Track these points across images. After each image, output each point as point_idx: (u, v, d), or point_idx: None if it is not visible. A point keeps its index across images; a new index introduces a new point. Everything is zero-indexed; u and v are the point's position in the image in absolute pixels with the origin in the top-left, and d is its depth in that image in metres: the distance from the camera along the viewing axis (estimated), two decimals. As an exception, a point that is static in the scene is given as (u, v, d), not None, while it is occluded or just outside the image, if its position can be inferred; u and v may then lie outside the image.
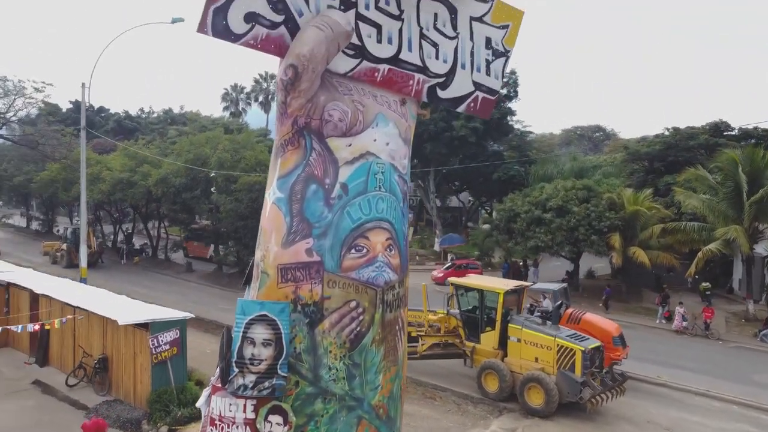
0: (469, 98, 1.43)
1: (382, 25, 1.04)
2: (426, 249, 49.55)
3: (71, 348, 16.89)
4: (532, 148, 54.69)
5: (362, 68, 1.29)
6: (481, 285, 19.01)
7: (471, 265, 39.66)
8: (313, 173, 2.67)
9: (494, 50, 1.40)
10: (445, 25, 1.21)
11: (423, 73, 2.23)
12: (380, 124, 2.09)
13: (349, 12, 0.96)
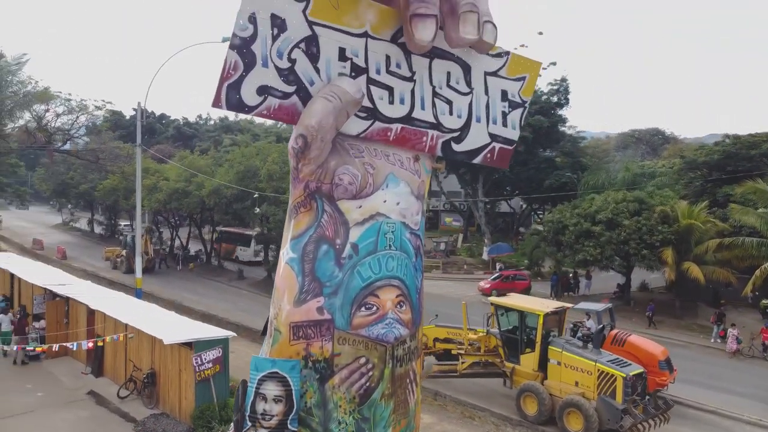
0: (486, 150, 1.39)
1: (394, 87, 1.04)
2: (475, 257, 49.25)
3: (123, 361, 17.77)
4: (585, 154, 53.53)
5: (375, 129, 1.28)
6: (521, 306, 18.87)
7: (519, 277, 39.25)
8: (325, 234, 2.73)
9: (511, 102, 1.36)
10: (458, 82, 1.18)
11: (437, 129, 2.14)
12: (390, 185, 2.07)
13: (360, 77, 0.96)
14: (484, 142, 1.16)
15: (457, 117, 1.13)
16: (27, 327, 20.60)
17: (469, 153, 1.16)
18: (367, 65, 1.01)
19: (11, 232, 64.09)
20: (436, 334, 22.02)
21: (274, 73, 0.94)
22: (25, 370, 19.31)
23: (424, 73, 1.06)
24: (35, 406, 16.66)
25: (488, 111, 1.15)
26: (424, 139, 1.10)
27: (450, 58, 1.12)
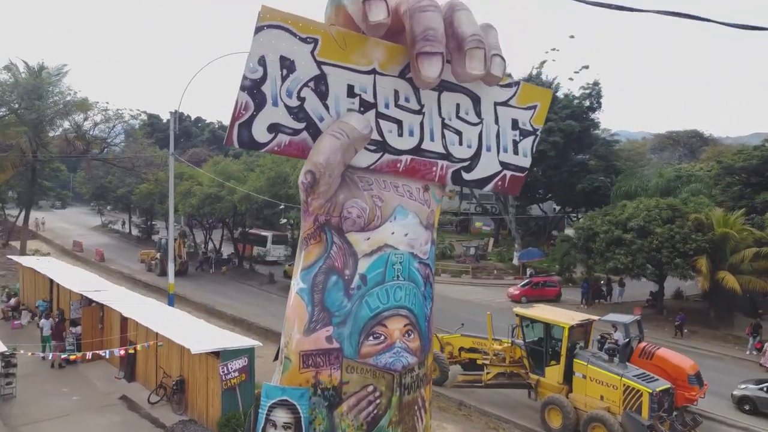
0: (497, 178, 1.39)
1: (403, 121, 1.06)
2: (505, 262, 48.90)
3: (154, 367, 18.29)
4: (619, 157, 52.63)
5: (384, 161, 1.31)
6: (546, 318, 18.76)
7: (549, 283, 38.89)
8: (334, 265, 2.85)
9: (522, 130, 1.34)
10: (468, 113, 1.19)
11: (446, 159, 2.14)
12: (398, 217, 2.15)
13: (369, 112, 1.00)
14: (495, 170, 1.19)
15: (467, 147, 1.15)
16: (64, 332, 21.35)
17: (479, 181, 1.19)
18: (375, 100, 1.04)
19: (53, 233, 66.18)
20: (461, 344, 22.07)
21: (284, 111, 0.98)
22: (62, 374, 20.01)
23: (433, 105, 1.09)
24: (71, 409, 17.29)
25: (498, 140, 1.18)
26: (434, 170, 1.13)
27: (459, 90, 1.13)
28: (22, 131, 27.90)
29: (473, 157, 1.16)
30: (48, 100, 30.54)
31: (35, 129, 29.63)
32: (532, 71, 45.33)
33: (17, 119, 28.22)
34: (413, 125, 1.09)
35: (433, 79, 0.96)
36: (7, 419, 16.64)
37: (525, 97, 1.17)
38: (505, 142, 1.18)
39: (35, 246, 60.06)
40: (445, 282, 44.65)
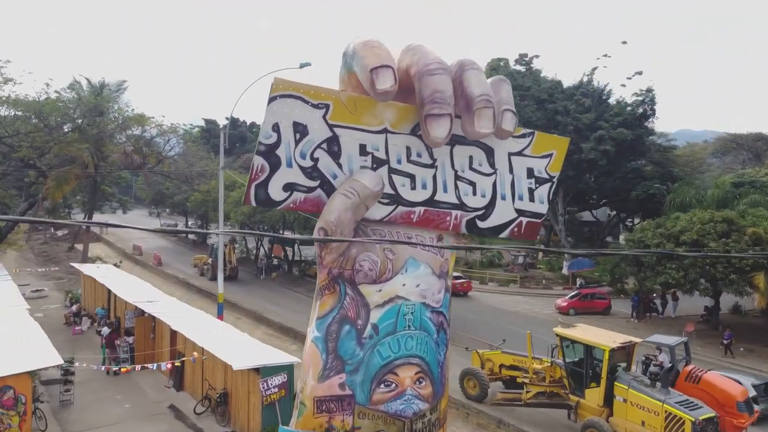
0: (512, 224, 1.45)
1: (416, 175, 1.14)
2: (554, 272, 48.12)
3: (200, 379, 19.06)
4: (676, 164, 50.89)
5: (398, 213, 1.37)
6: (586, 339, 18.50)
7: (598, 295, 38.09)
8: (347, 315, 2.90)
9: (537, 178, 1.38)
10: (481, 165, 1.24)
11: (460, 209, 2.12)
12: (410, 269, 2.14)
13: (381, 168, 1.08)
14: (511, 217, 1.17)
15: (481, 196, 1.14)
16: (116, 341, 22.47)
17: (494, 229, 1.18)
18: (387, 157, 1.05)
19: (115, 236, 69.25)
20: (502, 361, 21.99)
21: (298, 171, 1.00)
22: (116, 381, 21.05)
23: (446, 159, 1.09)
24: (123, 417, 18.22)
25: (513, 188, 1.16)
26: (447, 219, 1.12)
27: (472, 144, 1.13)
28: (85, 147, 29.55)
29: (487, 206, 1.16)
30: (108, 116, 32.25)
31: (96, 143, 31.33)
32: (583, 78, 44.47)
33: (80, 135, 29.92)
34: (426, 178, 1.10)
35: (442, 140, 0.98)
36: (65, 425, 17.71)
37: (540, 146, 1.17)
38: (521, 190, 1.18)
39: (98, 249, 63.12)
40: (492, 291, 44.35)
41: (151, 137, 35.67)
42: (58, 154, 27.84)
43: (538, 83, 44.13)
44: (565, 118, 41.99)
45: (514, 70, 45.92)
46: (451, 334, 1.19)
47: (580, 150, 41.15)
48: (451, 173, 1.09)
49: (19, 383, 14.71)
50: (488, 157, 1.11)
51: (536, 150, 1.16)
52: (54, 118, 28.04)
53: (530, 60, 46.22)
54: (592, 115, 41.51)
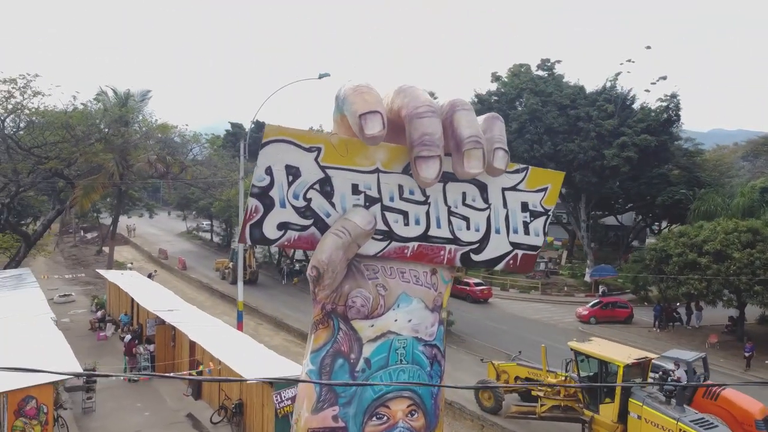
0: (507, 257, 1.36)
1: (408, 212, 1.13)
2: (577, 278, 47.64)
3: (217, 388, 19.44)
4: (703, 169, 49.99)
5: (391, 248, 1.28)
6: (601, 355, 18.39)
7: (619, 304, 37.66)
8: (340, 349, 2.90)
9: (532, 212, 1.30)
10: (475, 200, 1.19)
11: (454, 243, 1.96)
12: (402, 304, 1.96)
13: (374, 206, 1.05)
14: (506, 250, 1.17)
15: (475, 231, 1.14)
16: (134, 349, 23.00)
17: (489, 261, 1.18)
18: (380, 195, 1.06)
19: (142, 239, 70.58)
20: (517, 373, 21.96)
21: (292, 211, 1.02)
22: (137, 388, 21.55)
23: (439, 196, 1.10)
24: (142, 425, 18.68)
25: (508, 222, 1.16)
26: (441, 253, 1.13)
27: (464, 180, 1.13)
28: (110, 157, 30.33)
29: (482, 240, 1.16)
30: (133, 126, 33.02)
31: (121, 153, 32.10)
32: (606, 83, 43.98)
33: (106, 145, 30.70)
34: (419, 215, 1.11)
35: (431, 181, 1.00)
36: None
37: (535, 180, 1.17)
38: (515, 224, 1.17)
39: (126, 252, 64.40)
40: (513, 298, 44.12)
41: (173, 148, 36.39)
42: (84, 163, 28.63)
43: (560, 89, 43.79)
44: (587, 125, 41.59)
45: (536, 75, 45.66)
46: (446, 365, 1.25)
47: (603, 156, 40.72)
48: (444, 209, 1.11)
49: (41, 393, 15.20)
50: (482, 193, 1.12)
51: (530, 184, 1.15)
52: (81, 129, 28.83)
53: (552, 65, 45.90)
54: (615, 121, 41.04)
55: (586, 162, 41.55)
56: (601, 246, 60.54)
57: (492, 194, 1.13)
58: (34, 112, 27.09)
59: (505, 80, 46.96)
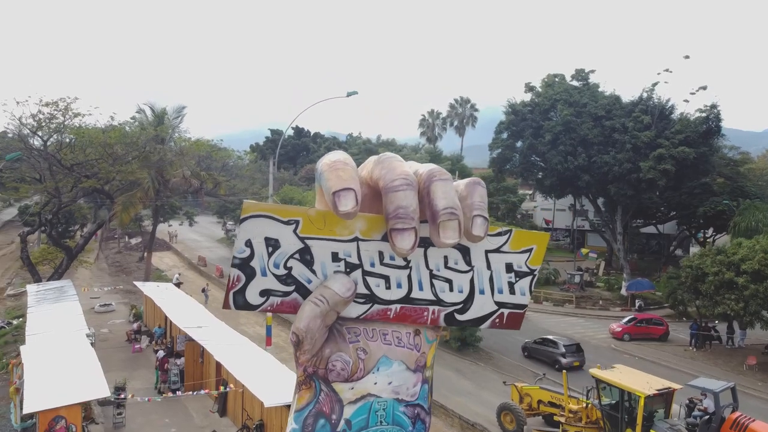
0: (493, 316, 1.24)
1: (390, 276, 1.08)
2: (613, 291, 46.68)
3: (240, 407, 19.93)
4: (747, 178, 48.32)
5: (374, 310, 1.23)
6: (622, 384, 18.10)
7: (654, 321, 36.76)
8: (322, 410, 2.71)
9: (517, 272, 1.21)
10: (457, 263, 1.13)
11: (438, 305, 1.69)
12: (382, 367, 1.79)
13: (355, 272, 1.03)
14: (491, 309, 1.15)
15: (459, 292, 1.10)
16: (166, 364, 23.76)
17: (475, 321, 1.14)
18: (360, 261, 1.04)
19: (183, 245, 72.47)
20: (540, 396, 21.79)
21: (273, 279, 1.02)
22: (165, 403, 22.23)
23: (420, 260, 1.07)
24: (168, 441, 19.34)
25: (492, 283, 1.12)
26: (425, 315, 1.12)
27: None
28: (146, 174, 31.42)
29: (465, 301, 1.13)
30: (169, 143, 34.15)
31: (158, 169, 33.21)
32: (643, 94, 43.05)
33: (142, 161, 31.84)
34: (401, 278, 1.09)
35: (407, 251, 1.00)
36: (115, 448, 18.98)
37: (519, 242, 1.13)
38: (500, 284, 1.13)
39: (167, 259, 66.28)
40: (547, 312, 43.48)
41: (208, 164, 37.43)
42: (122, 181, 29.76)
43: (595, 99, 43.08)
44: (622, 136, 40.79)
45: (571, 85, 45.05)
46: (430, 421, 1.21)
47: (639, 169, 39.86)
48: (426, 272, 1.06)
49: (70, 413, 15.92)
50: (464, 256, 1.07)
51: (515, 246, 1.10)
52: (120, 148, 30.04)
53: (587, 75, 45.20)
54: (652, 132, 40.12)
55: (621, 174, 40.73)
56: (642, 255, 59.02)
57: (475, 257, 1.09)
58: (75, 131, 28.35)
59: (539, 90, 46.48)
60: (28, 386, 16.88)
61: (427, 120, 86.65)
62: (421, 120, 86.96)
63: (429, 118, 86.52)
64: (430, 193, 0.98)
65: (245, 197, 43.10)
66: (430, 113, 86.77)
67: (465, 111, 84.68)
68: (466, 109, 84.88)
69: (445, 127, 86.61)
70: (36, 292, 30.01)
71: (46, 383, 16.88)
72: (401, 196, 0.96)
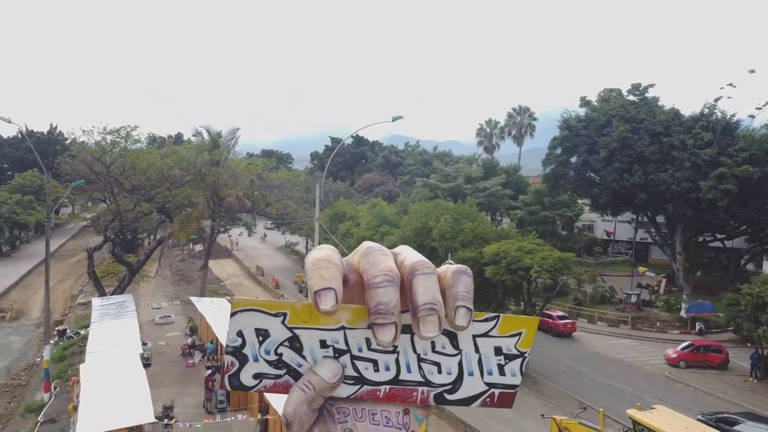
0: (484, 395, 1.20)
1: (378, 360, 1.15)
2: (672, 312, 44.93)
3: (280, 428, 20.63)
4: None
5: (363, 391, 1.24)
6: (659, 428, 17.66)
7: (713, 348, 35.19)
8: None
9: (506, 355, 1.18)
10: (444, 347, 1.13)
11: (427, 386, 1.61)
12: None
13: (343, 356, 1.11)
14: (481, 390, 1.13)
15: (447, 374, 1.10)
16: (210, 382, 24.79)
17: (464, 400, 1.12)
18: (348, 347, 1.06)
19: (244, 253, 74.83)
20: (579, 431, 21.46)
21: (265, 364, 1.05)
22: (212, 424, 23.28)
23: (407, 345, 1.08)
24: (211, 463, 20.25)
25: (481, 365, 1.10)
26: (414, 395, 1.12)
27: None
28: (201, 194, 32.92)
29: (455, 382, 1.12)
30: (223, 164, 35.70)
31: (213, 190, 34.75)
32: (704, 109, 41.35)
33: (199, 182, 33.42)
34: (389, 362, 1.10)
35: (388, 344, 1.03)
36: (163, 467, 20.04)
37: (507, 326, 1.11)
38: (489, 366, 1.12)
39: (228, 267, 68.63)
40: (600, 333, 42.31)
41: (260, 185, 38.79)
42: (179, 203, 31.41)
43: (653, 115, 41.72)
44: (681, 153, 39.32)
45: (627, 100, 43.81)
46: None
47: (698, 188, 38.33)
48: (413, 356, 1.06)
49: (116, 437, 17.01)
50: (451, 341, 1.06)
51: (503, 330, 1.08)
52: (177, 171, 31.73)
53: (645, 89, 43.82)
54: (713, 150, 38.51)
55: (679, 193, 39.28)
56: (709, 270, 56.19)
57: (462, 341, 1.09)
58: (135, 156, 30.11)
59: (594, 104, 45.45)
60: (82, 408, 18.15)
61: (484, 129, 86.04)
62: (479, 129, 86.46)
63: (486, 127, 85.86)
64: (412, 287, 1.00)
65: (295, 218, 44.31)
66: (488, 122, 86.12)
67: (523, 120, 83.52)
68: (524, 117, 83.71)
69: (503, 137, 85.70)
70: (100, 306, 31.93)
71: (97, 405, 18.09)
72: (381, 292, 0.98)
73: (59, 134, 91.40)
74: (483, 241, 33.95)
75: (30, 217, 64.29)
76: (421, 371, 1.07)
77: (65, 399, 25.21)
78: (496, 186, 58.68)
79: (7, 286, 50.61)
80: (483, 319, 1.06)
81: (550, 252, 30.70)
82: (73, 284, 55.15)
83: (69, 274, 59.01)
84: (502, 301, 35.08)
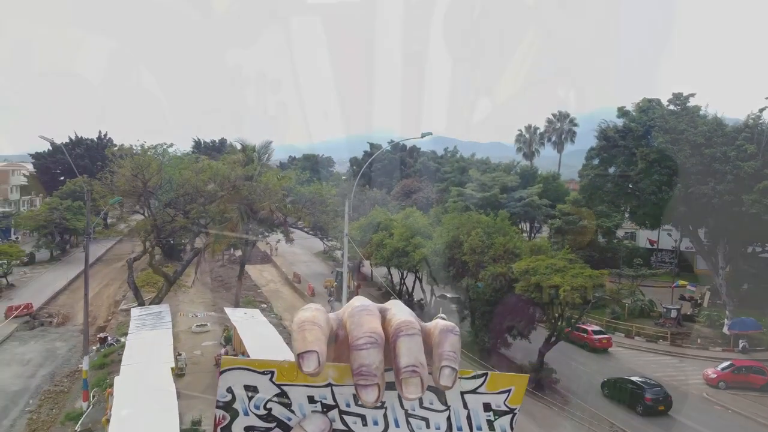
0: None
1: (366, 415, 1.21)
2: (714, 328, 43.49)
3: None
4: None
5: None
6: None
7: (756, 369, 33.96)
8: None
9: (496, 411, 1.19)
10: (432, 403, 1.16)
11: None
12: None
13: (332, 411, 1.16)
14: None
15: (436, 429, 1.10)
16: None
17: None
18: (336, 403, 1.08)
19: (282, 258, 75.84)
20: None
21: (255, 418, 1.07)
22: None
23: (395, 401, 1.08)
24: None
25: (470, 421, 1.11)
26: None
27: None
28: (235, 207, 33.77)
29: None
30: (257, 179, 36.51)
31: (247, 204, 35.55)
32: (748, 120, 39.95)
33: (234, 196, 34.31)
34: (377, 417, 1.12)
35: (371, 403, 1.06)
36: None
37: (496, 384, 1.13)
38: (478, 422, 1.13)
39: (267, 273, 69.77)
40: (637, 348, 41.26)
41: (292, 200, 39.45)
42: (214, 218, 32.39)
43: (694, 125, 40.51)
44: (723, 166, 38.08)
45: (667, 110, 42.66)
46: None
47: (741, 202, 37.05)
48: (401, 412, 1.07)
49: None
50: (439, 397, 1.08)
51: (492, 387, 1.09)
52: (212, 187, 32.70)
53: (686, 99, 42.59)
54: (758, 162, 37.14)
55: (721, 207, 38.05)
56: (760, 282, 53.82)
57: (450, 397, 1.11)
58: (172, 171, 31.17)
59: (633, 114, 44.47)
60: (112, 424, 18.89)
61: (523, 135, 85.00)
62: (518, 136, 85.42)
63: (525, 133, 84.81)
64: (395, 348, 1.03)
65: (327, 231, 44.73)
66: (527, 128, 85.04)
67: (563, 126, 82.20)
68: (564, 123, 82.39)
69: (542, 143, 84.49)
70: (138, 316, 33.02)
71: (126, 422, 18.79)
72: (364, 354, 1.01)
73: (108, 140, 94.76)
74: (514, 256, 33.66)
75: (79, 222, 66.79)
76: (409, 426, 1.09)
77: (102, 408, 26.17)
78: (533, 196, 57.90)
79: (55, 291, 52.62)
80: (471, 376, 1.08)
81: (581, 269, 30.22)
82: (117, 289, 56.98)
83: (114, 278, 60.95)
84: (534, 315, 34.68)
